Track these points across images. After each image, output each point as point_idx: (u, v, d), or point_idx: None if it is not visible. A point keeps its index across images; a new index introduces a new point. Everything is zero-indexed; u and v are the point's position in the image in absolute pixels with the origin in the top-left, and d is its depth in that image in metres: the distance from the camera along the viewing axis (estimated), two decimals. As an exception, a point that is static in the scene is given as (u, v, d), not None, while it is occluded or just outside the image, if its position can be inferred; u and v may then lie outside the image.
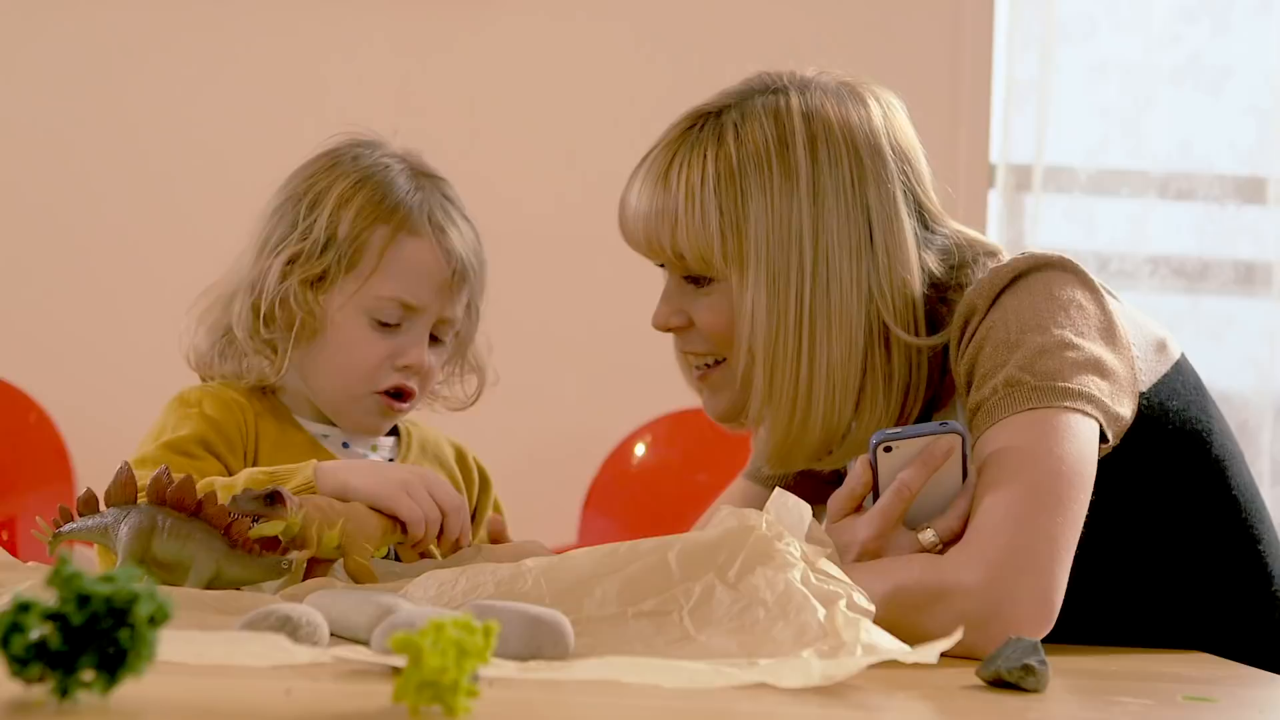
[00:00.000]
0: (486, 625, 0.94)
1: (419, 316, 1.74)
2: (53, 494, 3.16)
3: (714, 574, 1.25)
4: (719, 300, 1.60)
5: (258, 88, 3.44)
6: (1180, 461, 1.61)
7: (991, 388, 1.51)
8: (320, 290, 1.72)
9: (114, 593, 0.86)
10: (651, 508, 3.19)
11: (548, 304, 3.45)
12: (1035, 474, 1.45)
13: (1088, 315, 1.55)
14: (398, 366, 1.73)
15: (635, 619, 1.24)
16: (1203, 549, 1.62)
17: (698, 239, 1.58)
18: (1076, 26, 3.58)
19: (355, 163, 1.77)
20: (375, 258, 1.72)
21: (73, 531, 1.45)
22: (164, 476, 1.42)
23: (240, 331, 1.73)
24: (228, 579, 1.41)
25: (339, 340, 1.73)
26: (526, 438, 3.40)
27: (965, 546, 1.43)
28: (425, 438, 1.85)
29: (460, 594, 1.30)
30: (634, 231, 1.63)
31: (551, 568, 1.29)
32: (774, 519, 1.28)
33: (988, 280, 1.57)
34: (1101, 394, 1.51)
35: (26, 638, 0.87)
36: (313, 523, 1.46)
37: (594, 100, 3.49)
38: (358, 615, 1.20)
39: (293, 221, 1.73)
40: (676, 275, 1.64)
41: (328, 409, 1.77)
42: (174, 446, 1.66)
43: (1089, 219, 3.54)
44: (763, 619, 1.20)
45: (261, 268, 1.73)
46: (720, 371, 1.64)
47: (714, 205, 1.57)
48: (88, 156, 3.43)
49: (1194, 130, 3.56)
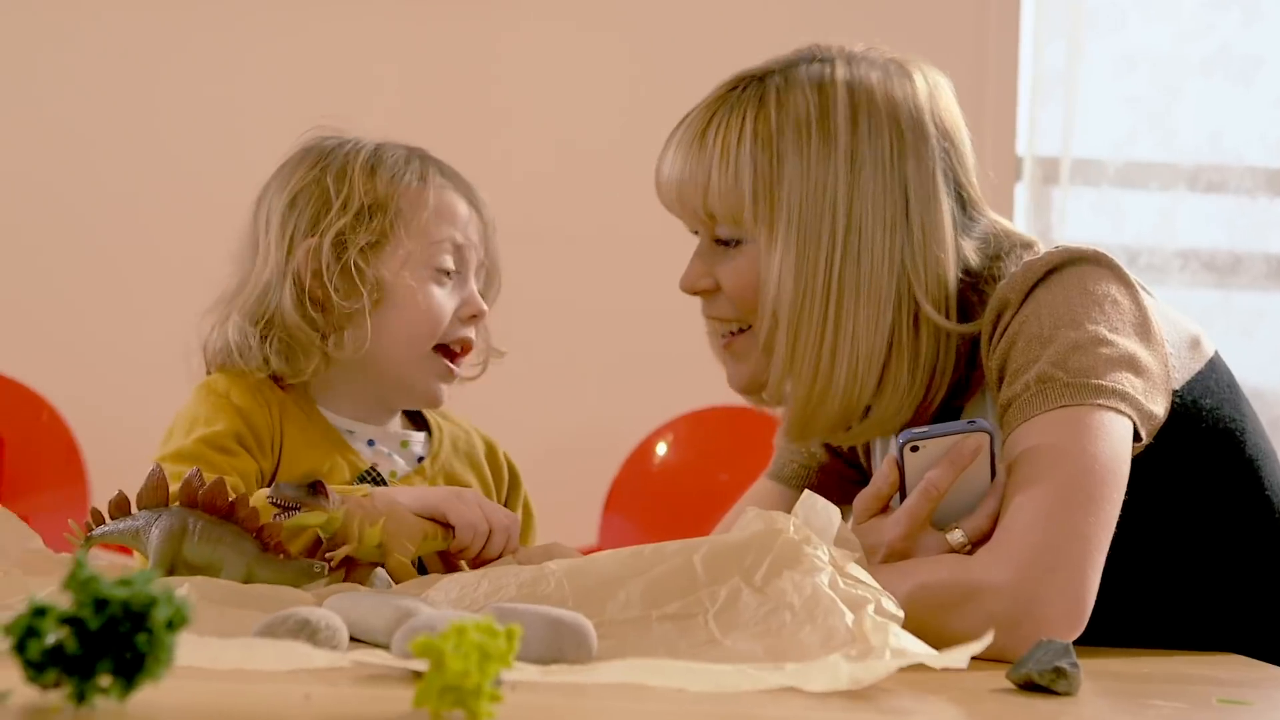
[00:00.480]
0: (509, 628, 0.94)
1: (466, 264, 1.77)
2: (65, 494, 3.17)
3: (740, 577, 1.24)
4: (746, 263, 1.60)
5: (268, 86, 3.44)
6: (1213, 460, 1.60)
7: (1024, 384, 1.51)
8: (378, 256, 1.73)
9: (131, 596, 0.86)
10: (673, 508, 3.19)
11: (568, 303, 3.45)
12: (1067, 472, 1.44)
13: (1122, 311, 1.54)
14: (463, 317, 1.76)
15: (659, 622, 1.23)
16: (1235, 549, 1.61)
17: (729, 197, 1.58)
18: (1105, 16, 3.57)
19: (349, 144, 1.78)
20: (423, 208, 1.74)
21: (104, 535, 1.45)
22: (195, 479, 1.42)
23: (293, 318, 1.71)
24: (259, 582, 1.41)
25: (406, 301, 1.73)
26: (547, 437, 3.40)
27: (995, 546, 1.42)
28: (456, 434, 1.84)
29: (482, 596, 1.29)
30: (668, 191, 1.64)
31: (575, 570, 1.29)
32: (802, 522, 1.27)
33: (1021, 274, 1.57)
34: (1135, 391, 1.50)
35: (43, 642, 0.86)
36: (354, 519, 1.46)
37: (622, 92, 3.48)
38: (377, 618, 1.20)
39: (322, 203, 1.73)
40: (707, 237, 1.64)
41: (389, 380, 1.75)
42: (210, 442, 1.66)
43: (1117, 212, 3.53)
44: (789, 623, 1.20)
45: (298, 257, 1.72)
46: (744, 339, 1.63)
47: (748, 164, 1.57)
48: (100, 156, 3.43)
49: (1224, 121, 3.55)
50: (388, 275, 1.73)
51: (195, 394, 1.73)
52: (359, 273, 1.71)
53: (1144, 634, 1.58)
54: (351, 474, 1.70)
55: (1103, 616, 1.43)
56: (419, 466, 1.77)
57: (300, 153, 1.79)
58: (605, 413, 3.42)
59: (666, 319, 3.43)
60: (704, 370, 1.98)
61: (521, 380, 3.34)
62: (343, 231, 1.72)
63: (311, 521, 1.43)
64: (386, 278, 1.73)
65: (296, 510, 1.43)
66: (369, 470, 1.72)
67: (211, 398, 1.70)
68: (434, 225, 1.75)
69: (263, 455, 1.68)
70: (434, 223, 1.75)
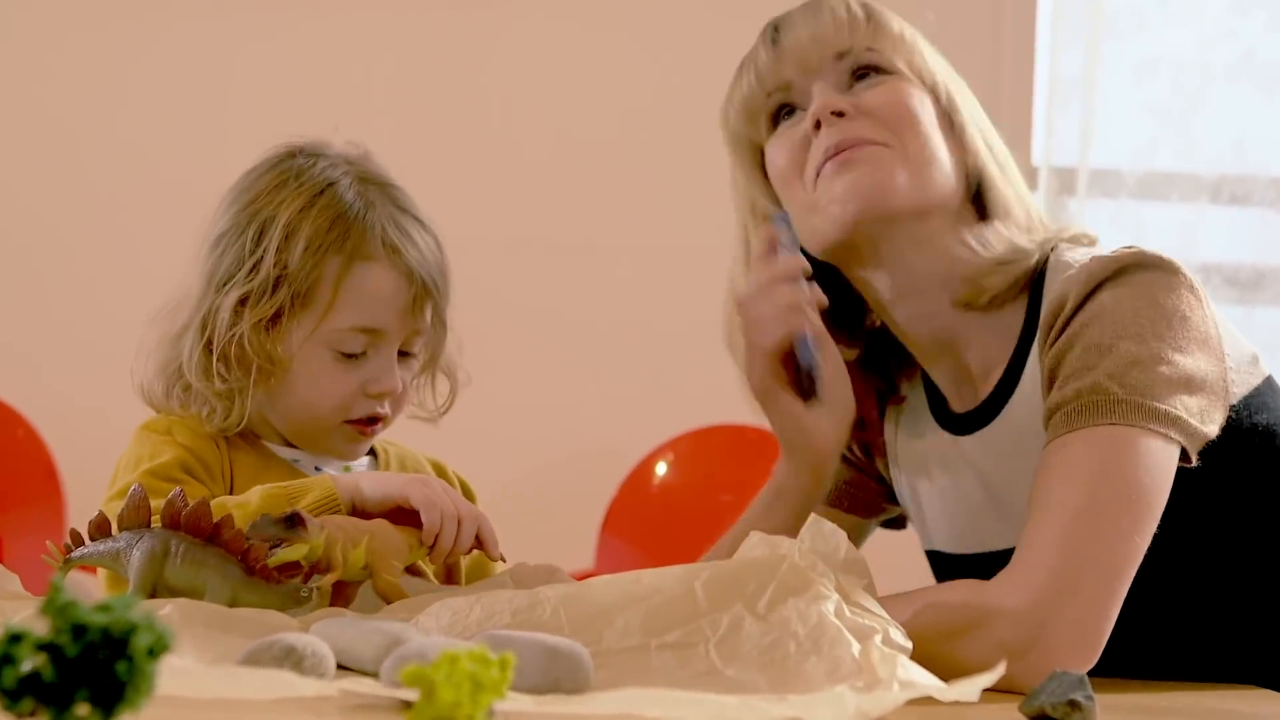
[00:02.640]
0: (502, 657, 0.94)
1: (384, 341, 1.72)
2: (41, 512, 3.17)
3: (743, 605, 1.24)
4: (899, 86, 1.66)
5: (257, 95, 3.45)
6: (1259, 478, 1.59)
7: (1075, 390, 1.49)
8: (276, 330, 1.70)
9: (111, 623, 0.86)
10: (673, 530, 3.19)
11: (564, 317, 3.45)
12: (1101, 497, 1.43)
13: (1190, 327, 1.52)
14: (370, 394, 1.72)
15: (659, 651, 1.23)
16: (1269, 572, 1.61)
17: (896, 34, 1.69)
18: (1124, 21, 3.58)
19: (299, 180, 1.73)
20: (330, 290, 1.69)
21: (84, 556, 1.46)
22: (178, 499, 1.42)
23: (193, 376, 1.70)
24: (244, 607, 1.41)
25: (304, 377, 1.70)
26: (542, 456, 3.41)
27: (1012, 567, 1.42)
28: (404, 455, 1.84)
29: (475, 623, 1.29)
30: (809, 39, 1.67)
31: (571, 597, 1.29)
32: (807, 547, 1.27)
33: (1086, 270, 1.55)
34: (1189, 414, 1.48)
35: (18, 670, 0.86)
36: (336, 543, 1.46)
37: (622, 100, 3.49)
38: (366, 645, 1.20)
39: (239, 256, 1.70)
40: (832, 80, 1.66)
41: (296, 441, 1.75)
42: (159, 473, 1.65)
43: (1137, 225, 3.54)
44: (794, 653, 1.20)
45: (211, 304, 1.71)
46: (881, 150, 1.63)
47: (901, 22, 1.71)
48: (75, 166, 3.44)
49: (1248, 131, 3.56)
50: (289, 348, 1.70)
51: (136, 435, 1.72)
52: (251, 345, 1.68)
53: (1165, 664, 1.58)
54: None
55: (1121, 644, 1.43)
56: None
57: (259, 171, 1.75)
58: (603, 431, 3.42)
59: (667, 335, 3.44)
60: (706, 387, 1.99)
61: (517, 398, 3.35)
62: (246, 296, 1.69)
63: (294, 556, 1.44)
64: (288, 350, 1.70)
65: (278, 546, 1.44)
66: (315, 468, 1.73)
67: (153, 436, 1.70)
68: (341, 312, 1.70)
69: (213, 483, 1.68)
70: (342, 309, 1.70)
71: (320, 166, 1.74)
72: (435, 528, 1.55)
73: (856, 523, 1.87)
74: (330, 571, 1.46)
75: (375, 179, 1.76)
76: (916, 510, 1.80)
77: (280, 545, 1.44)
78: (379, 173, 1.78)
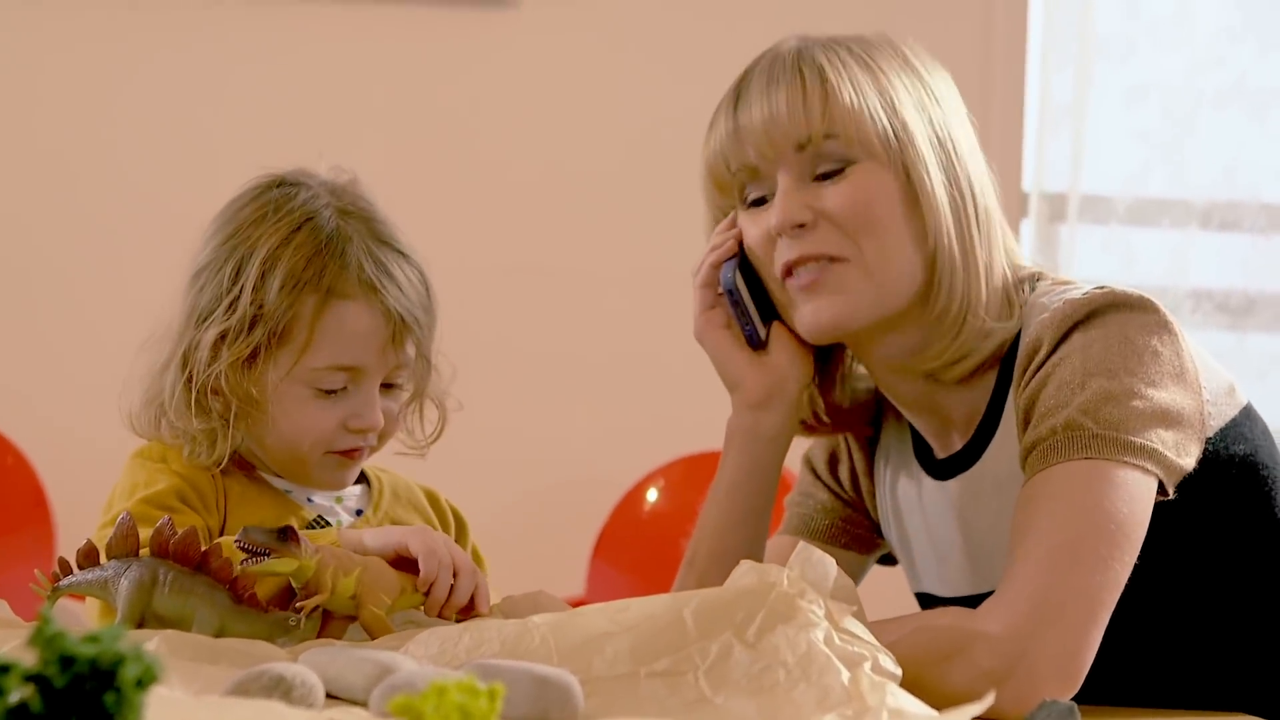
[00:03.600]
0: (492, 687, 0.94)
1: (364, 377, 1.71)
2: (30, 539, 3.17)
3: (732, 632, 1.24)
4: (860, 182, 1.62)
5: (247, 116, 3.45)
6: (1239, 508, 1.60)
7: (1050, 428, 1.51)
8: (253, 368, 1.70)
9: (99, 654, 0.86)
10: (664, 556, 3.18)
11: (555, 344, 3.45)
12: (1080, 528, 1.45)
13: (1162, 362, 1.54)
14: (351, 429, 1.72)
15: (648, 679, 1.24)
16: (1254, 601, 1.62)
17: (851, 113, 1.62)
18: (1115, 46, 3.58)
19: (278, 213, 1.71)
20: (307, 330, 1.68)
21: (72, 585, 1.46)
22: (166, 528, 1.42)
23: (174, 413, 1.69)
24: (232, 636, 1.41)
25: (283, 414, 1.69)
26: (532, 482, 3.40)
27: (996, 596, 1.45)
28: (396, 484, 1.84)
29: (464, 652, 1.29)
30: (760, 130, 1.64)
31: (560, 625, 1.29)
32: (797, 574, 1.28)
33: (1059, 313, 1.57)
34: (1165, 448, 1.50)
35: (6, 701, 0.87)
36: (327, 568, 1.46)
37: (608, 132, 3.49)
38: (355, 675, 1.20)
39: (217, 293, 1.70)
40: (795, 174, 1.63)
41: (283, 473, 1.75)
42: (153, 502, 1.64)
43: (1127, 251, 3.54)
44: (783, 681, 1.20)
45: (191, 340, 1.70)
46: (845, 270, 1.63)
47: (864, 82, 1.63)
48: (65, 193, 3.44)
49: (1239, 157, 3.56)
50: (268, 385, 1.69)
51: (130, 463, 1.72)
52: (229, 383, 1.68)
53: (1152, 692, 1.59)
54: (300, 525, 1.70)
55: (1109, 673, 1.44)
56: (362, 518, 1.76)
57: (241, 202, 1.75)
58: (594, 458, 3.42)
59: (658, 362, 3.44)
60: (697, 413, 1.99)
61: (508, 424, 3.35)
62: (224, 334, 1.68)
63: (282, 569, 1.43)
64: (267, 388, 1.69)
65: (265, 556, 1.43)
66: (316, 519, 1.73)
67: (149, 464, 1.70)
68: (318, 352, 1.69)
69: (208, 512, 1.68)
70: (319, 349, 1.69)
71: (302, 198, 1.73)
72: (432, 575, 1.55)
73: (855, 559, 1.88)
74: (318, 594, 1.46)
75: (357, 211, 1.75)
76: (905, 552, 1.81)
77: (268, 555, 1.44)
78: (361, 203, 1.76)
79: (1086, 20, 3.50)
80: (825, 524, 1.86)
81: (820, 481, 1.88)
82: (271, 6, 3.44)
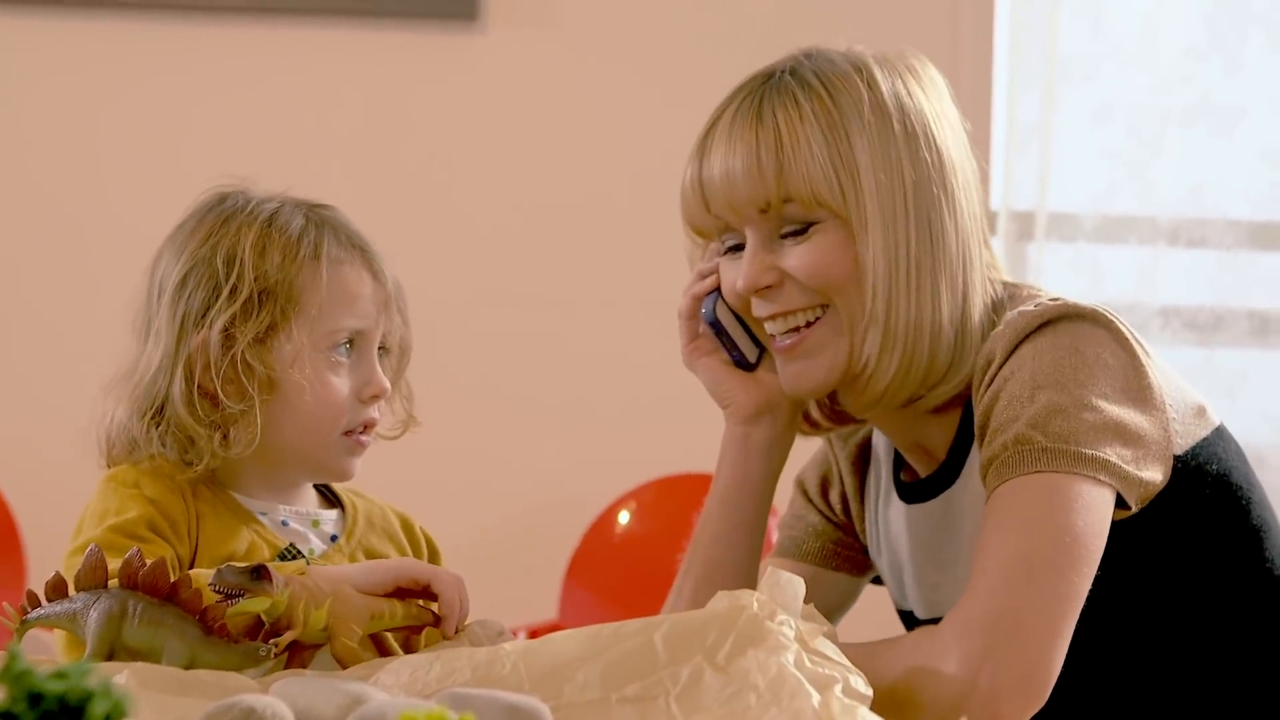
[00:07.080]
0: (463, 717, 0.95)
1: (366, 342, 1.75)
2: (1, 571, 3.15)
3: (702, 656, 1.25)
4: (822, 244, 1.61)
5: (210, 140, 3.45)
6: (1214, 527, 1.61)
7: (1001, 443, 1.52)
8: (269, 346, 1.72)
9: (68, 690, 0.86)
10: (637, 579, 3.19)
11: (525, 365, 3.45)
12: (1034, 542, 1.46)
13: (1114, 375, 1.54)
14: (364, 398, 1.75)
15: (619, 705, 1.24)
16: (1230, 622, 1.62)
17: (808, 176, 1.60)
18: (1080, 66, 3.60)
19: (246, 213, 1.75)
20: (318, 294, 1.72)
21: (40, 618, 1.45)
22: (136, 559, 1.42)
23: (183, 411, 1.70)
24: (202, 667, 1.41)
25: (302, 389, 1.72)
26: (505, 505, 3.40)
27: (955, 612, 1.45)
28: (370, 510, 1.85)
29: (435, 680, 1.29)
30: (720, 186, 1.63)
31: (530, 651, 1.29)
32: (767, 597, 1.28)
33: (1011, 325, 1.58)
34: (1121, 461, 1.50)
35: (-25, 737, 0.87)
36: (299, 601, 1.46)
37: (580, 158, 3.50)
38: (326, 705, 1.20)
39: (212, 287, 1.71)
40: (761, 233, 1.64)
41: (295, 464, 1.76)
42: (122, 530, 1.64)
43: (1095, 268, 3.55)
44: (754, 705, 1.20)
45: (190, 345, 1.71)
46: (819, 330, 1.64)
47: (821, 141, 1.60)
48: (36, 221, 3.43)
49: (1205, 175, 3.58)
50: (278, 370, 1.71)
51: (102, 487, 1.72)
52: (247, 369, 1.69)
53: (1128, 712, 1.59)
54: (271, 553, 1.70)
55: (1085, 694, 1.44)
56: (336, 544, 1.77)
57: (196, 217, 1.77)
58: (565, 481, 3.42)
59: (630, 385, 3.44)
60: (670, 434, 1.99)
61: (478, 446, 3.35)
62: (231, 322, 1.70)
63: (255, 608, 1.43)
64: (277, 373, 1.71)
65: (240, 596, 1.44)
66: (288, 549, 1.73)
67: (121, 489, 1.70)
68: (328, 313, 1.72)
69: (179, 541, 1.68)
70: (328, 309, 1.72)
71: (255, 201, 1.77)
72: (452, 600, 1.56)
73: (848, 580, 1.89)
74: (290, 630, 1.46)
75: (310, 202, 1.80)
76: (893, 572, 1.82)
77: (242, 596, 1.44)
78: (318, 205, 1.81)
79: (1052, 41, 3.52)
80: (817, 547, 1.87)
81: (812, 505, 1.89)
82: (235, 30, 3.44)
